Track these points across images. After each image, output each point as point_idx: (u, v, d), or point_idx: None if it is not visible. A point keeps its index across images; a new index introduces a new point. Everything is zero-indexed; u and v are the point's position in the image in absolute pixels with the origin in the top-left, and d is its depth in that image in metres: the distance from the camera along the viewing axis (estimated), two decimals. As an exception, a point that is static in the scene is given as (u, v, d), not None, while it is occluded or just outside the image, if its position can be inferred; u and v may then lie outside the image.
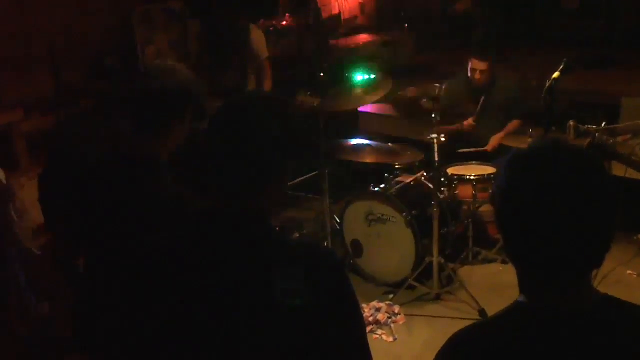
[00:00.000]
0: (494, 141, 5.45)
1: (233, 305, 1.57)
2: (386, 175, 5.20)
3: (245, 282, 1.58)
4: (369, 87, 5.06)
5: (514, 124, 5.55)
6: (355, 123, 7.17)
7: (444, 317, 4.58)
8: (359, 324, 1.69)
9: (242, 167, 1.65)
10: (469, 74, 5.55)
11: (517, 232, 1.38)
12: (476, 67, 5.47)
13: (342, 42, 8.80)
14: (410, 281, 4.82)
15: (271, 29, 8.56)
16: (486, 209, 5.34)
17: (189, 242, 1.68)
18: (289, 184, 1.81)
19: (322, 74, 7.04)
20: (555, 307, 1.38)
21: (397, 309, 4.66)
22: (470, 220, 5.22)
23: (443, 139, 4.69)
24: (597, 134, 4.42)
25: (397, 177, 5.19)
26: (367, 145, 5.34)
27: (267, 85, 5.88)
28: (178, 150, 2.44)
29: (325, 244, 5.05)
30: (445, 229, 4.93)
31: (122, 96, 2.42)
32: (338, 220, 5.27)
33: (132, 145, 2.41)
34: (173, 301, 1.63)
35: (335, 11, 9.56)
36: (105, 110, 5.67)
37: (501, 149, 5.29)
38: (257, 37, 5.90)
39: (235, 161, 1.65)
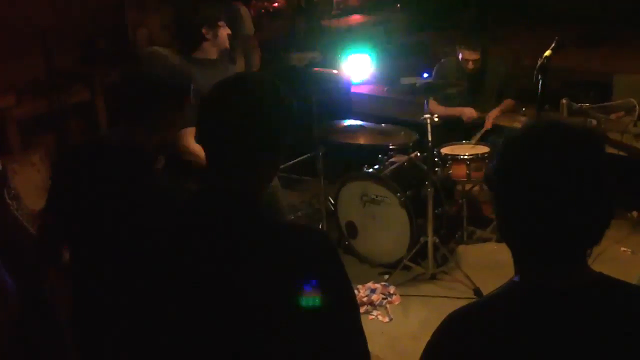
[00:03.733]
0: (491, 117, 5.43)
1: (224, 289, 1.57)
2: (380, 156, 5.19)
3: (235, 265, 1.57)
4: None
5: (507, 103, 5.54)
6: (348, 104, 7.16)
7: (440, 297, 4.60)
8: (352, 306, 1.69)
9: (233, 148, 1.64)
10: (461, 63, 5.52)
11: (513, 211, 1.38)
12: (468, 57, 5.44)
13: (335, 23, 8.75)
14: (405, 261, 4.84)
15: (263, 10, 8.51)
16: (480, 188, 5.35)
17: (178, 225, 1.67)
18: (282, 166, 1.81)
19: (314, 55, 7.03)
20: (550, 286, 1.38)
21: (392, 289, 4.68)
22: (464, 199, 5.23)
23: (436, 119, 4.69)
24: (591, 118, 4.43)
25: (391, 158, 5.18)
26: (361, 126, 5.33)
27: (256, 62, 5.85)
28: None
29: (320, 226, 5.06)
30: (440, 209, 4.93)
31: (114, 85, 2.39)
32: (332, 202, 5.27)
33: (117, 135, 2.39)
34: (162, 285, 1.63)
35: (327, -8, 9.50)
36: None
37: (495, 128, 5.28)
38: (246, 15, 5.87)
39: (226, 142, 1.64)
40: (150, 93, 2.30)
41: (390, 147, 5.26)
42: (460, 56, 5.49)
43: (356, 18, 9.03)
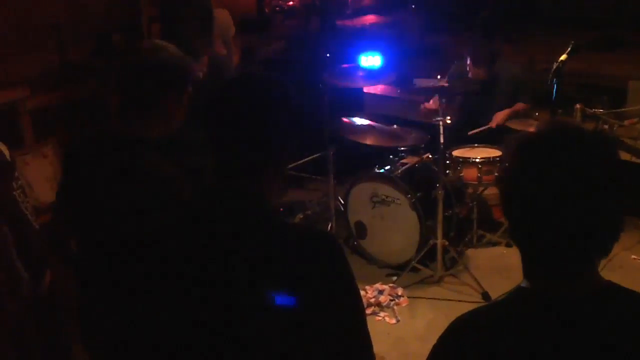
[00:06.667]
0: (497, 117, 5.38)
1: (229, 289, 1.56)
2: (391, 157, 5.19)
3: (241, 265, 1.56)
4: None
5: (519, 106, 5.50)
6: (360, 104, 7.15)
7: (447, 300, 4.59)
8: (358, 309, 1.67)
9: (241, 148, 1.63)
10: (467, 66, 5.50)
11: (523, 216, 1.37)
12: (470, 68, 5.43)
13: (349, 23, 8.75)
14: (414, 263, 4.83)
15: (277, 9, 8.53)
16: (491, 191, 5.33)
17: (184, 224, 1.67)
18: (293, 164, 1.79)
19: (328, 54, 7.02)
20: (559, 293, 1.37)
21: (400, 291, 4.67)
22: (474, 202, 5.21)
23: (449, 121, 4.68)
24: (601, 122, 4.41)
25: (402, 159, 5.17)
26: (373, 126, 5.32)
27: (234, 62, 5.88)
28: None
29: (329, 225, 5.05)
30: (450, 212, 4.92)
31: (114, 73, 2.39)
32: (342, 202, 5.26)
33: (118, 124, 2.39)
34: (168, 282, 1.63)
35: (342, -8, 9.50)
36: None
37: (507, 131, 5.24)
38: (221, 16, 5.89)
39: (233, 141, 1.64)
40: (151, 84, 2.30)
41: (402, 148, 5.26)
42: (467, 61, 5.47)
43: (370, 18, 9.03)
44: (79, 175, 2.38)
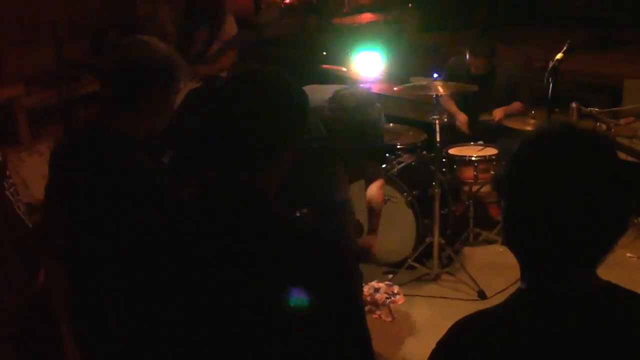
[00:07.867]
0: (497, 113, 5.37)
1: (227, 283, 1.55)
2: (388, 155, 5.18)
3: (242, 260, 1.56)
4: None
5: (515, 105, 5.50)
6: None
7: (444, 298, 4.59)
8: (357, 306, 1.66)
9: (242, 141, 1.63)
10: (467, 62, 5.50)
11: (524, 217, 1.35)
12: (471, 62, 5.43)
13: (346, 20, 8.74)
14: (410, 261, 4.83)
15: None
16: (487, 189, 5.33)
17: (182, 220, 1.66)
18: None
19: (324, 53, 7.02)
20: (558, 295, 1.36)
21: (396, 289, 4.66)
22: (471, 201, 5.22)
23: (445, 120, 4.68)
24: (597, 121, 4.42)
25: (398, 157, 5.17)
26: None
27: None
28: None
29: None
30: (446, 210, 4.92)
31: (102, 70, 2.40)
32: (339, 200, 5.25)
33: (104, 120, 2.39)
34: (163, 279, 1.61)
35: (339, -11, 9.49)
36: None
37: (503, 130, 5.25)
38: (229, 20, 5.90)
39: (236, 135, 1.63)
40: (133, 81, 2.29)
41: (399, 146, 5.26)
42: (467, 56, 5.47)
43: (367, 16, 9.02)
44: (64, 173, 2.37)
